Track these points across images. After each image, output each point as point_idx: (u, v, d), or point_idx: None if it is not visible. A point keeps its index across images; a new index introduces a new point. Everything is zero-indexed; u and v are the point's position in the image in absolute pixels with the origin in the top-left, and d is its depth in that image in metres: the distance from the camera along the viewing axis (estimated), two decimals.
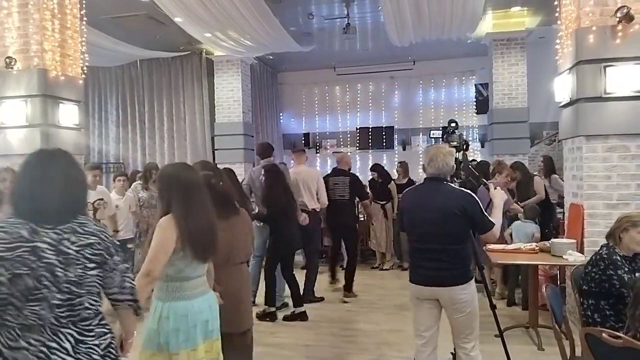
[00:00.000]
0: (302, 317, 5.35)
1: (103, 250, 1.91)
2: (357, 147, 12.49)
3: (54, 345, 1.78)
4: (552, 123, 9.39)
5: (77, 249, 1.84)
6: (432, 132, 10.08)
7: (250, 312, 3.37)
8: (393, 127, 12.41)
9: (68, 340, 1.81)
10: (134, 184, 6.56)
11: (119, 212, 6.04)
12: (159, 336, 2.40)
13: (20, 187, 1.90)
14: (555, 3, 5.41)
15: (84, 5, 5.72)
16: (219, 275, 2.79)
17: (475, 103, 11.90)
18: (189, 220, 2.41)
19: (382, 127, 12.44)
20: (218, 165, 3.82)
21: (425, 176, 3.28)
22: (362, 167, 11.79)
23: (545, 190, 6.45)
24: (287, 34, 8.58)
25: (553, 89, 5.41)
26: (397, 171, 8.37)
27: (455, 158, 3.47)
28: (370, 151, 12.40)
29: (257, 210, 5.70)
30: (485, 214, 3.07)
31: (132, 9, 7.83)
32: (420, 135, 12.29)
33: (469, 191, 3.14)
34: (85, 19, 5.78)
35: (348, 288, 6.24)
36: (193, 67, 10.87)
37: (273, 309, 5.41)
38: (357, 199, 6.72)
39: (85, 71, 5.86)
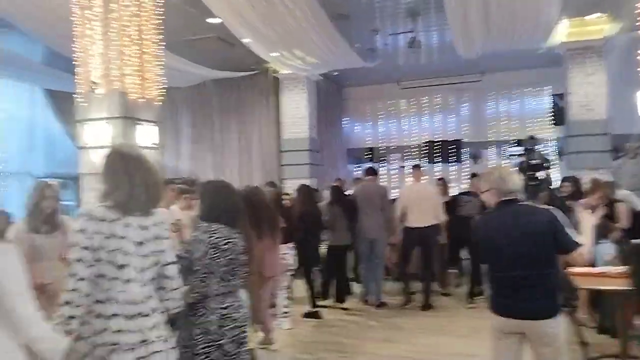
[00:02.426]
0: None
1: None
2: (424, 160, 12.26)
3: None
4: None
5: None
6: (510, 149, 9.70)
7: None
8: (461, 140, 12.08)
9: None
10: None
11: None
12: None
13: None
14: (638, 11, 5.08)
15: (161, 31, 6.02)
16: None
17: (551, 114, 11.34)
18: None
19: (450, 140, 12.15)
20: (286, 181, 4.11)
21: (493, 200, 2.98)
22: (430, 181, 11.52)
23: None
24: (352, 51, 8.62)
25: (636, 99, 5.04)
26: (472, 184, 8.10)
27: (535, 177, 3.25)
28: (438, 165, 12.12)
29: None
30: (571, 233, 2.83)
31: (204, 32, 8.17)
32: (491, 148, 11.88)
33: (551, 208, 2.92)
34: (161, 43, 6.09)
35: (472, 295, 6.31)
36: (260, 85, 11.15)
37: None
38: None
39: (162, 93, 6.16)
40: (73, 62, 5.82)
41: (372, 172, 6.78)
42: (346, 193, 7.02)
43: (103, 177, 2.33)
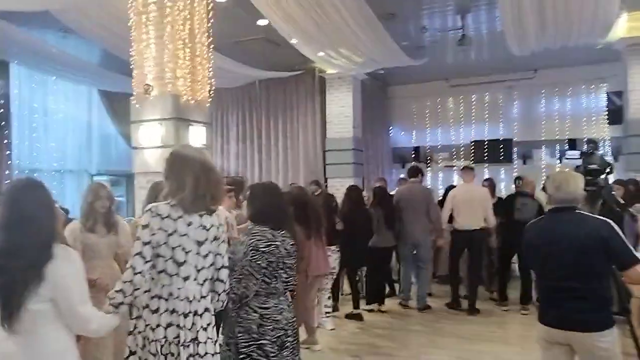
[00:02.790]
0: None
1: None
2: (471, 160, 11.99)
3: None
4: None
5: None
6: (566, 150, 9.33)
7: None
8: (512, 139, 11.73)
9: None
10: None
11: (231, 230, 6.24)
12: None
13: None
14: None
15: (211, 34, 6.15)
16: None
17: (606, 113, 10.84)
18: None
19: (499, 139, 11.83)
20: (330, 180, 4.21)
21: (550, 205, 2.96)
22: (477, 181, 11.21)
23: None
24: (399, 49, 8.53)
25: None
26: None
27: (595, 182, 3.09)
28: (486, 165, 11.82)
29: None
30: (630, 246, 2.68)
31: (252, 33, 8.29)
32: (543, 148, 11.49)
33: (607, 219, 2.77)
34: (212, 45, 6.22)
35: (526, 301, 6.08)
36: (306, 85, 11.22)
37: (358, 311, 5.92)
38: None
39: (212, 94, 6.29)
40: (128, 64, 6.05)
41: (416, 172, 6.61)
42: (391, 194, 6.95)
43: (167, 176, 2.45)
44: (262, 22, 7.49)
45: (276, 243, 2.86)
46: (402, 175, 10.10)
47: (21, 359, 1.93)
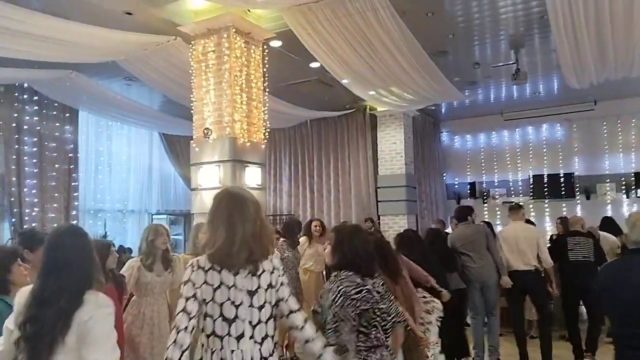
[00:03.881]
0: None
1: None
2: (531, 196, 11.56)
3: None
4: None
5: None
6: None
7: None
8: (573, 174, 11.26)
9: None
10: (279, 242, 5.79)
11: None
12: None
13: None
14: None
15: (266, 78, 6.35)
16: None
17: None
18: None
19: (559, 174, 11.38)
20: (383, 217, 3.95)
21: (630, 246, 2.79)
22: (537, 218, 10.80)
23: None
24: (451, 85, 8.48)
25: None
26: (557, 227, 7.33)
27: None
28: (546, 201, 11.36)
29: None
30: None
31: (305, 76, 8.49)
32: (607, 182, 10.94)
33: None
34: (267, 89, 6.42)
35: (593, 349, 5.64)
36: (357, 123, 11.30)
37: None
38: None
39: (267, 136, 6.44)
40: (187, 109, 6.32)
41: (465, 214, 6.05)
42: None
43: (207, 226, 2.24)
44: (314, 65, 7.67)
45: (367, 287, 2.56)
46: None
47: None
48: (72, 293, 1.91)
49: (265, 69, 6.38)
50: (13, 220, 8.34)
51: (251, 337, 2.06)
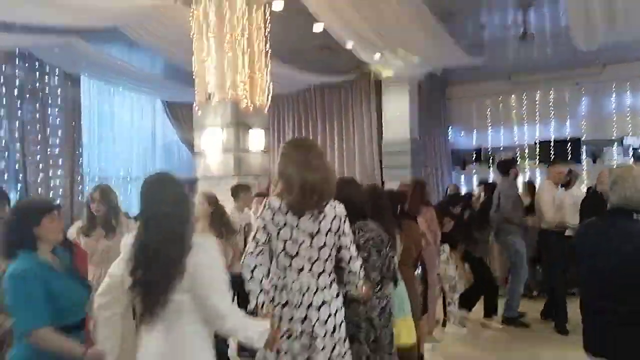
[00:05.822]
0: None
1: None
2: (536, 161, 11.49)
3: None
4: None
5: None
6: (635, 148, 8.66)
7: None
8: (580, 138, 11.15)
9: None
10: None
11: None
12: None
13: None
14: None
15: (268, 40, 6.24)
16: None
17: None
18: None
19: (566, 139, 11.27)
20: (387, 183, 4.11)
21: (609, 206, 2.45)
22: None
23: None
24: (459, 48, 8.32)
25: None
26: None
27: None
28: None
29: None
30: None
31: (308, 39, 8.33)
32: (615, 146, 10.84)
33: None
34: (269, 52, 6.31)
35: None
36: (362, 88, 11.16)
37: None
38: None
39: (270, 100, 6.38)
40: (190, 75, 6.24)
41: (508, 165, 6.00)
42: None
43: (278, 175, 2.53)
44: (317, 28, 7.52)
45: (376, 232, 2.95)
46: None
47: (160, 351, 1.96)
48: (180, 238, 1.98)
49: (267, 32, 6.27)
50: (19, 186, 8.38)
51: (310, 271, 2.39)
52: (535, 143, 11.62)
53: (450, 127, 12.88)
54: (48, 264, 2.23)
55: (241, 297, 2.93)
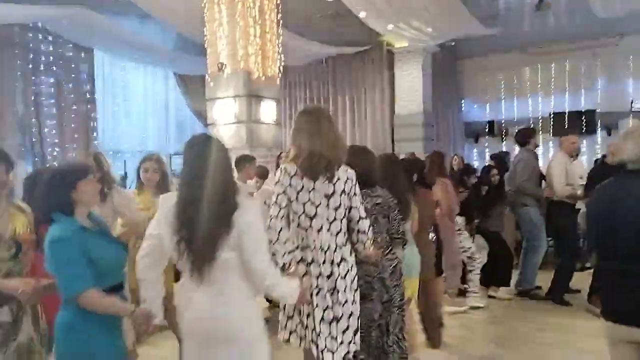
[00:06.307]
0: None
1: None
2: (550, 133, 11.38)
3: None
4: None
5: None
6: None
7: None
8: (595, 110, 10.99)
9: None
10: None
11: None
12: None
13: None
14: None
15: (280, 10, 6.21)
16: None
17: None
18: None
19: (581, 111, 11.11)
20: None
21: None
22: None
23: None
24: (472, 18, 8.19)
25: None
26: None
27: None
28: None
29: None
30: None
31: (321, 10, 8.27)
32: (631, 118, 10.68)
33: None
34: (281, 22, 6.29)
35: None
36: (374, 60, 11.06)
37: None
38: None
39: (281, 70, 6.38)
40: (201, 47, 6.25)
41: (527, 135, 5.84)
42: None
43: (293, 142, 2.68)
44: None
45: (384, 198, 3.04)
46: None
47: (206, 307, 2.04)
48: (226, 196, 2.04)
49: (278, 1, 6.23)
50: (36, 159, 8.52)
51: (328, 230, 2.56)
52: (550, 115, 11.47)
53: (463, 100, 12.76)
54: (86, 227, 2.24)
55: None
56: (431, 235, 4.18)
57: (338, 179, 2.56)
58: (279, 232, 2.52)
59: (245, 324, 2.08)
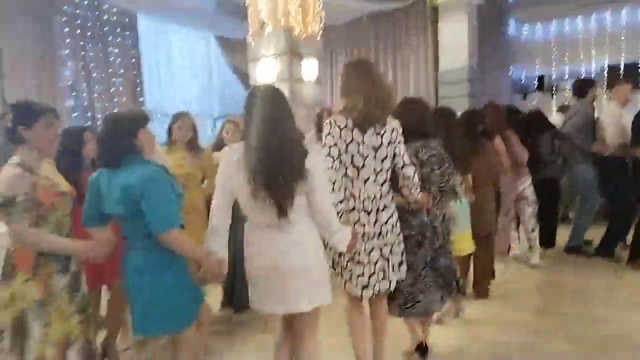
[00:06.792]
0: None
1: None
2: (605, 88, 10.80)
3: None
4: None
5: None
6: None
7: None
8: None
9: None
10: None
11: None
12: None
13: None
14: None
15: None
16: None
17: None
18: None
19: (637, 63, 10.46)
20: None
21: None
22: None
23: None
24: None
25: None
26: None
27: None
28: None
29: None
30: None
31: None
32: None
33: None
34: None
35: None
36: (417, 16, 10.70)
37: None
38: None
39: (322, 28, 6.29)
40: (241, 8, 6.22)
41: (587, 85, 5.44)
42: None
43: (342, 93, 2.68)
44: None
45: (434, 151, 3.06)
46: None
47: (279, 249, 2.17)
48: (296, 144, 2.14)
49: None
50: (89, 124, 8.85)
51: (374, 181, 2.64)
52: (603, 68, 10.86)
53: (510, 55, 12.22)
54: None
55: None
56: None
57: (385, 130, 2.61)
58: (334, 182, 2.59)
59: (316, 264, 2.23)
